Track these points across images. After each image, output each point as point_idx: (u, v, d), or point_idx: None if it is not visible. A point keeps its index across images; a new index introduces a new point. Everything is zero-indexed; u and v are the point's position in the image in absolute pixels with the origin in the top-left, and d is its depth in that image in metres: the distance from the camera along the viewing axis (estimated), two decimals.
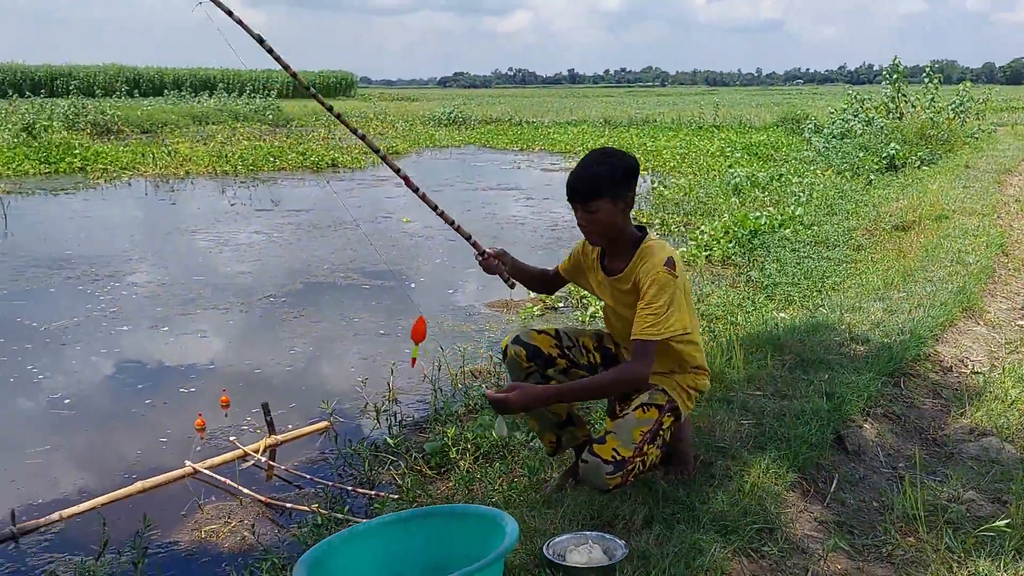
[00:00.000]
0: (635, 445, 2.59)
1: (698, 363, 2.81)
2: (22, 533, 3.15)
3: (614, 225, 2.65)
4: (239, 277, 7.47)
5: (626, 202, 2.64)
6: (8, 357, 5.25)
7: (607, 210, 2.62)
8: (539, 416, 2.89)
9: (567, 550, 2.31)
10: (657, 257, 2.62)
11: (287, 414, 4.35)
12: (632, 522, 2.52)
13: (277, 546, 2.97)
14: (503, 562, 1.96)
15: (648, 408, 2.66)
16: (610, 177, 2.62)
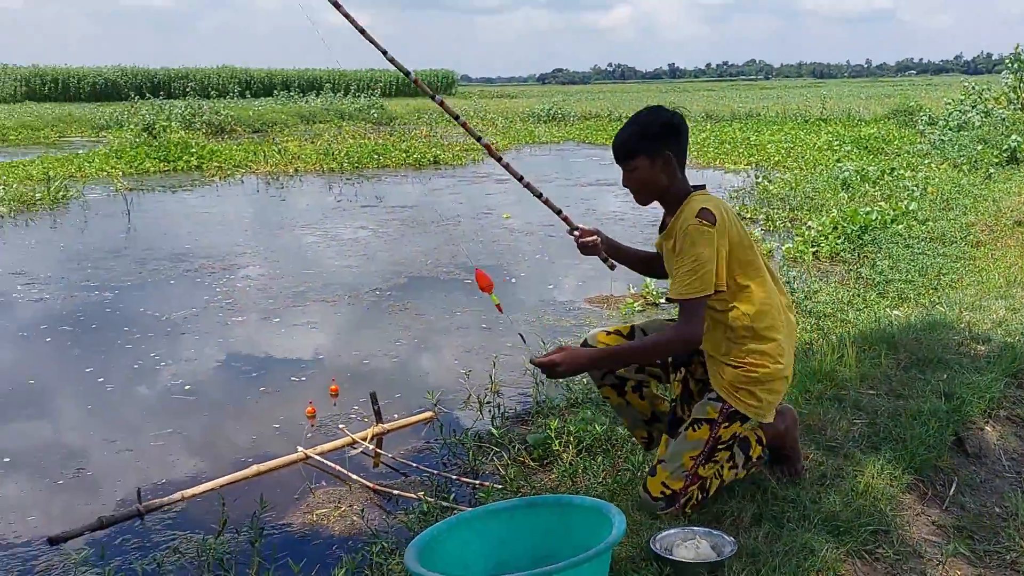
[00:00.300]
0: (686, 473, 2.55)
1: (758, 339, 2.52)
2: (148, 511, 3.33)
3: (655, 183, 2.59)
4: (346, 271, 7.68)
5: (666, 159, 2.55)
6: (132, 345, 5.54)
7: (645, 167, 2.58)
8: (628, 415, 2.89)
9: (674, 545, 2.30)
10: (691, 208, 2.50)
11: (392, 404, 4.46)
12: (740, 519, 2.49)
13: (385, 531, 3.05)
14: (610, 554, 1.96)
15: (699, 425, 2.56)
16: (644, 134, 2.57)
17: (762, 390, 2.53)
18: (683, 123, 2.59)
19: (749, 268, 2.54)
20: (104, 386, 4.84)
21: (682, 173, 2.61)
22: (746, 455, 2.70)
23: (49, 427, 4.30)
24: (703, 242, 2.43)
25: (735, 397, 2.52)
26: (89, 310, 6.42)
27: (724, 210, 2.53)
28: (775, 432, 2.79)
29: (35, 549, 3.08)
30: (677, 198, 2.61)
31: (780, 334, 2.56)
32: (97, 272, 7.68)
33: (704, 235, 2.43)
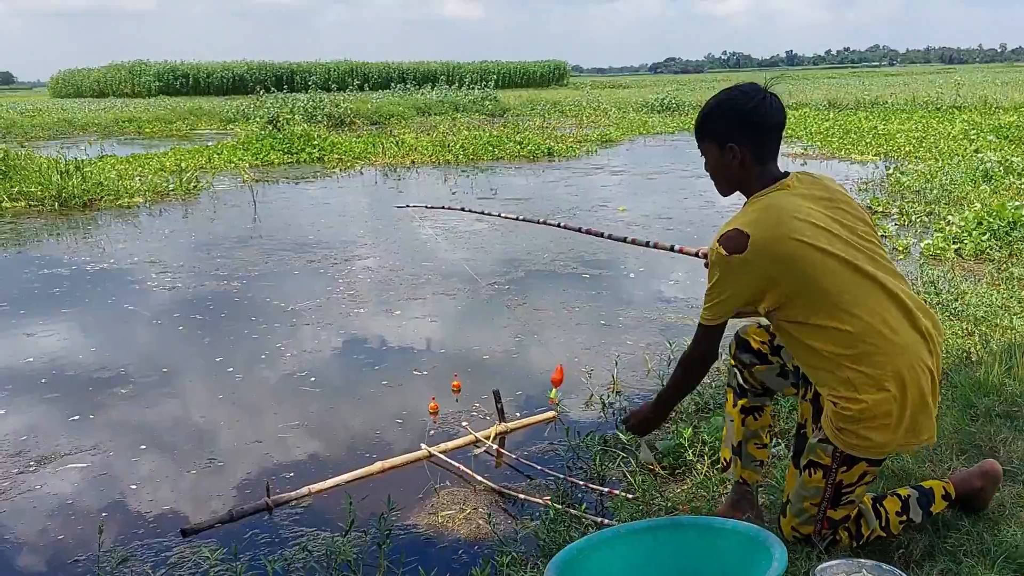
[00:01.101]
0: (813, 518, 2.31)
1: (851, 368, 2.15)
2: (276, 505, 3.35)
3: (726, 173, 2.33)
4: (466, 265, 7.67)
5: (736, 154, 2.27)
6: (259, 335, 5.66)
7: (713, 155, 2.33)
8: (726, 429, 2.70)
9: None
10: (728, 224, 2.22)
11: (513, 401, 4.38)
12: (910, 552, 2.27)
13: (512, 538, 2.96)
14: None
15: (815, 470, 2.27)
16: (710, 118, 2.30)
17: (866, 428, 2.17)
18: (766, 109, 2.24)
19: (823, 304, 2.16)
20: (233, 376, 4.94)
21: (763, 166, 2.29)
22: (926, 511, 2.43)
23: (181, 415, 4.41)
24: (718, 270, 2.20)
25: (839, 438, 2.21)
26: (218, 299, 6.61)
27: (777, 225, 2.15)
28: (968, 489, 2.51)
29: (168, 540, 3.14)
30: (749, 196, 2.35)
31: (880, 360, 2.16)
32: (226, 261, 7.92)
33: (721, 263, 2.18)
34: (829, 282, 2.16)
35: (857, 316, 2.16)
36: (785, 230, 2.15)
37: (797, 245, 2.15)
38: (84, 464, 3.86)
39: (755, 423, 2.62)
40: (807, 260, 2.15)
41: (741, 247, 2.14)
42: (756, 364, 2.56)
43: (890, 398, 2.15)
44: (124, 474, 3.76)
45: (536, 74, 59.94)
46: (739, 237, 2.15)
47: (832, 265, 2.17)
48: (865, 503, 2.37)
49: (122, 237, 9.31)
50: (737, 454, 2.62)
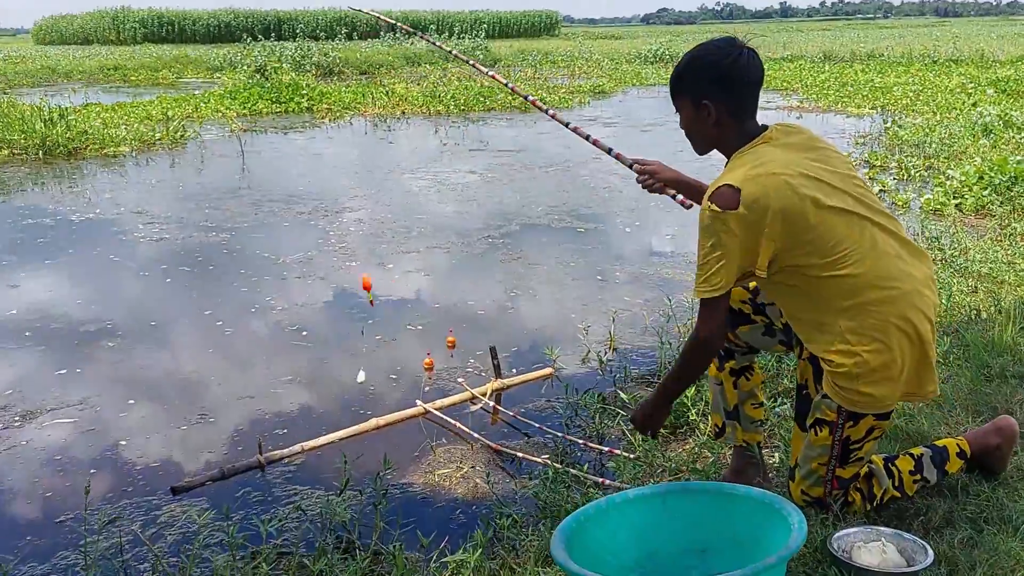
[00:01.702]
0: (824, 479, 2.23)
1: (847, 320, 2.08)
2: (268, 462, 3.27)
3: (702, 132, 2.22)
4: (457, 217, 7.54)
5: (711, 112, 2.15)
6: (248, 288, 5.55)
7: (688, 113, 2.22)
8: (715, 393, 2.57)
9: (854, 546, 2.02)
10: (713, 183, 2.10)
11: (509, 357, 4.30)
12: (929, 519, 2.20)
13: (511, 498, 2.90)
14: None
15: (820, 428, 2.19)
16: (682, 74, 2.20)
17: (865, 383, 2.09)
18: (743, 65, 2.12)
19: (821, 253, 2.07)
20: (223, 330, 4.84)
21: (741, 123, 2.18)
22: (940, 470, 2.36)
23: (171, 370, 4.31)
24: (713, 231, 2.04)
25: (841, 395, 2.13)
26: (206, 251, 6.48)
27: (767, 178, 2.04)
28: (983, 447, 2.42)
29: (158, 498, 3.06)
30: (730, 152, 2.23)
31: (882, 309, 2.08)
32: (214, 213, 7.77)
33: (715, 222, 2.03)
34: (826, 230, 2.07)
35: (857, 262, 2.08)
36: (776, 181, 2.06)
37: (790, 195, 2.05)
38: (71, 419, 3.77)
39: (748, 383, 2.54)
40: (802, 209, 2.06)
41: (734, 203, 2.03)
42: (740, 325, 2.46)
43: (887, 348, 2.09)
44: (112, 430, 3.67)
45: (527, 24, 59.12)
46: (730, 193, 2.04)
47: (827, 212, 2.09)
48: (876, 463, 2.30)
49: (108, 187, 9.12)
50: (734, 418, 2.54)
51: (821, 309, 2.11)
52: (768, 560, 1.60)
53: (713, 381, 2.56)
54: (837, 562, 1.98)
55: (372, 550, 2.54)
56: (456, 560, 2.24)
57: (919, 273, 2.17)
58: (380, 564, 2.48)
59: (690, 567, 1.95)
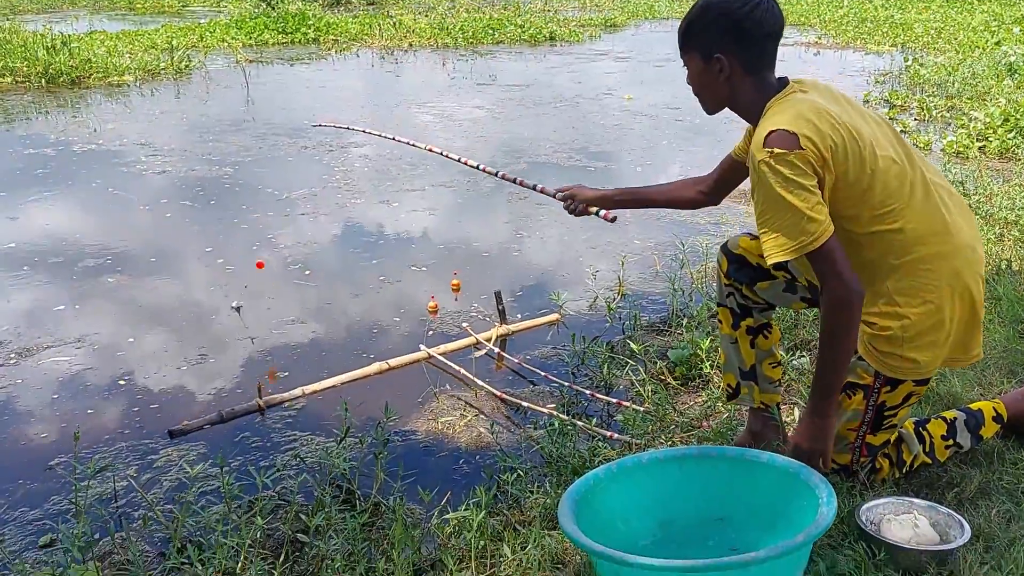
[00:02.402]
0: (851, 445, 2.09)
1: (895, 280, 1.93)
2: (268, 406, 3.20)
3: (713, 90, 2.03)
4: (466, 154, 7.35)
5: (723, 67, 1.97)
6: (250, 225, 5.43)
7: (696, 68, 2.04)
8: (728, 352, 2.41)
9: (884, 518, 1.89)
10: (761, 131, 1.87)
11: (514, 302, 4.20)
12: (963, 490, 2.09)
13: (516, 449, 2.82)
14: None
15: (853, 391, 2.04)
16: (691, 26, 2.00)
17: (910, 348, 1.95)
18: (762, 15, 1.93)
19: (873, 205, 1.91)
20: (224, 267, 4.74)
21: (758, 80, 1.99)
22: (975, 434, 2.24)
23: (171, 308, 4.23)
24: (783, 176, 1.81)
25: (880, 361, 1.99)
26: (209, 185, 6.34)
27: (818, 118, 1.86)
28: (1022, 411, 2.29)
29: (155, 442, 3.00)
30: (750, 111, 2.04)
31: (933, 267, 1.94)
32: (218, 145, 7.61)
33: (782, 166, 1.81)
34: (880, 178, 1.92)
35: (907, 217, 1.94)
36: (831, 121, 1.90)
37: (848, 136, 1.90)
38: (68, 358, 3.70)
39: (766, 342, 2.39)
40: (860, 153, 1.90)
41: (794, 143, 1.83)
42: (758, 280, 2.31)
43: (938, 310, 1.95)
44: (110, 369, 3.60)
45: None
46: (786, 135, 1.84)
47: (879, 161, 1.94)
48: (907, 427, 2.18)
49: (111, 117, 8.94)
50: (751, 378, 2.40)
51: (866, 268, 1.96)
52: (796, 539, 1.51)
53: (727, 340, 2.42)
54: (865, 535, 1.86)
55: (372, 502, 2.48)
56: (458, 517, 2.17)
57: (968, 228, 2.04)
58: (380, 517, 2.41)
59: (707, 536, 1.86)
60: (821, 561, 1.73)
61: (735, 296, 2.35)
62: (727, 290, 2.37)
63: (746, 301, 2.35)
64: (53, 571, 2.19)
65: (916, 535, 1.81)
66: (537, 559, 1.91)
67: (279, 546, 2.29)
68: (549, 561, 1.92)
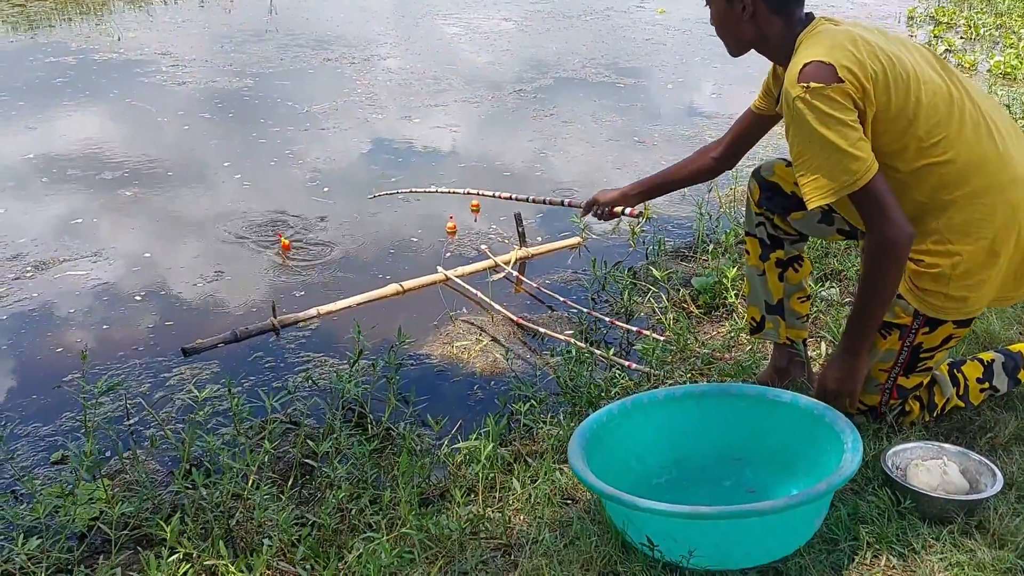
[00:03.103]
0: (881, 387, 1.98)
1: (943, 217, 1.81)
2: (282, 325, 3.16)
3: (738, 32, 1.92)
4: (488, 68, 7.16)
5: (747, 6, 1.85)
6: (268, 140, 5.33)
7: (718, 8, 1.92)
8: (755, 284, 2.28)
9: (910, 464, 1.79)
10: (793, 66, 1.75)
11: (535, 224, 4.10)
12: (996, 435, 1.99)
13: (531, 376, 2.76)
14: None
15: (889, 331, 1.91)
16: None
17: (958, 286, 1.84)
18: None
19: (921, 135, 1.78)
20: (241, 183, 4.66)
21: (787, 14, 1.87)
22: (1012, 377, 2.12)
23: (188, 223, 4.17)
24: (820, 112, 1.69)
25: (923, 300, 1.87)
26: (229, 97, 6.22)
27: (855, 47, 1.74)
28: None
29: (168, 360, 2.97)
30: (779, 51, 1.91)
31: (987, 201, 1.81)
32: (239, 56, 7.45)
33: (818, 101, 1.69)
34: (924, 109, 1.79)
35: (960, 146, 1.81)
36: (870, 49, 1.77)
37: (888, 63, 1.77)
38: (84, 272, 3.67)
39: (796, 275, 2.27)
40: (904, 81, 1.77)
41: (831, 76, 1.71)
42: (792, 210, 2.17)
43: (991, 245, 1.83)
44: (125, 285, 3.57)
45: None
46: (822, 66, 1.72)
47: (923, 89, 1.80)
48: (941, 369, 2.07)
49: (134, 25, 8.79)
50: (778, 312, 2.28)
51: (915, 206, 1.82)
52: (817, 488, 1.43)
53: (753, 271, 2.30)
54: (890, 481, 1.76)
55: (383, 427, 2.44)
56: (468, 447, 2.12)
57: (1022, 158, 1.90)
58: (391, 443, 2.37)
59: (723, 476, 1.80)
60: (843, 507, 1.66)
61: (766, 226, 2.23)
62: (757, 219, 2.25)
63: (777, 232, 2.22)
64: (63, 488, 2.18)
65: (944, 483, 1.72)
66: (546, 494, 1.87)
67: (288, 469, 2.26)
68: (559, 496, 1.87)
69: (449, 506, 1.90)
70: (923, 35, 8.33)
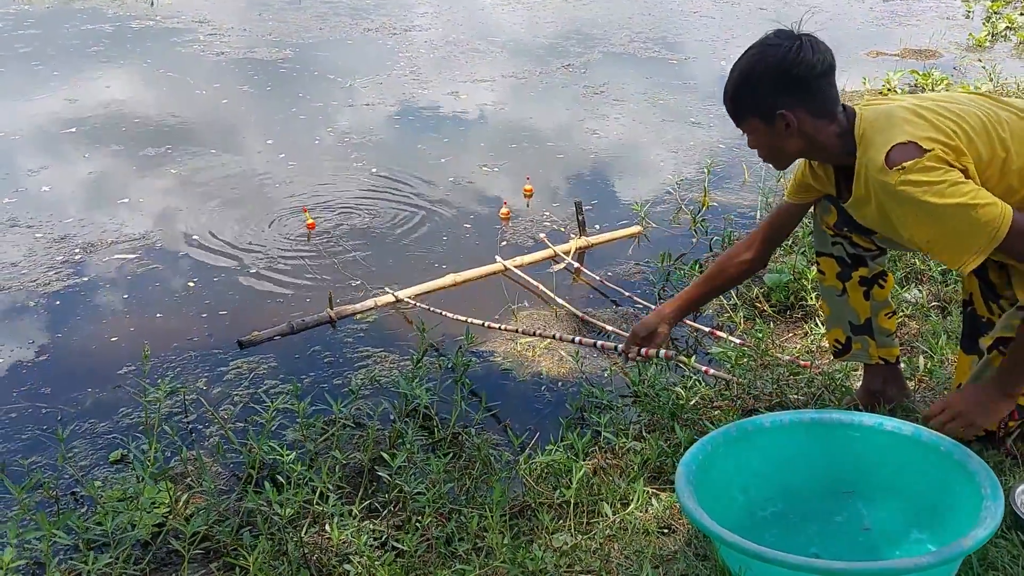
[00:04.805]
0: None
1: None
2: (339, 317, 3.06)
3: (785, 148, 1.84)
4: (533, 41, 6.99)
5: (790, 122, 1.77)
6: (308, 116, 5.22)
7: (761, 132, 1.83)
8: (834, 306, 2.16)
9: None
10: (875, 158, 1.69)
11: (591, 211, 3.93)
12: None
13: (601, 378, 2.65)
14: None
15: (1006, 347, 1.80)
16: (742, 90, 1.80)
17: None
18: (807, 55, 1.74)
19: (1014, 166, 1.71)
20: (286, 163, 4.56)
21: (832, 117, 1.79)
22: None
23: (231, 208, 4.06)
24: (932, 183, 1.62)
25: None
26: (267, 69, 6.12)
27: (920, 116, 1.69)
28: None
29: (224, 352, 2.89)
30: (836, 153, 1.83)
31: None
32: (278, 25, 7.34)
33: (923, 174, 1.63)
34: (1013, 143, 1.72)
35: None
36: (931, 117, 1.71)
37: (954, 122, 1.70)
38: (134, 255, 3.59)
39: (882, 291, 2.12)
40: (979, 132, 1.70)
41: (918, 150, 1.65)
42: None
43: None
44: (176, 269, 3.49)
45: None
46: (906, 147, 1.66)
47: (1001, 127, 1.73)
48: None
49: None
50: (866, 332, 2.14)
51: None
52: (961, 543, 1.31)
53: (831, 292, 2.16)
54: (1021, 524, 1.63)
55: (451, 431, 2.34)
56: (547, 461, 2.02)
57: None
58: (460, 447, 2.27)
59: (832, 511, 1.68)
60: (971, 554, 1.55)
61: (843, 245, 2.08)
62: (833, 239, 2.10)
63: (857, 250, 2.08)
64: (124, 492, 2.11)
65: None
66: (642, 522, 1.76)
67: (356, 476, 2.18)
68: (655, 524, 1.76)
69: (537, 532, 1.80)
70: (980, 10, 8.04)
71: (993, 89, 5.18)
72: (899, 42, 6.71)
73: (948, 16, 7.95)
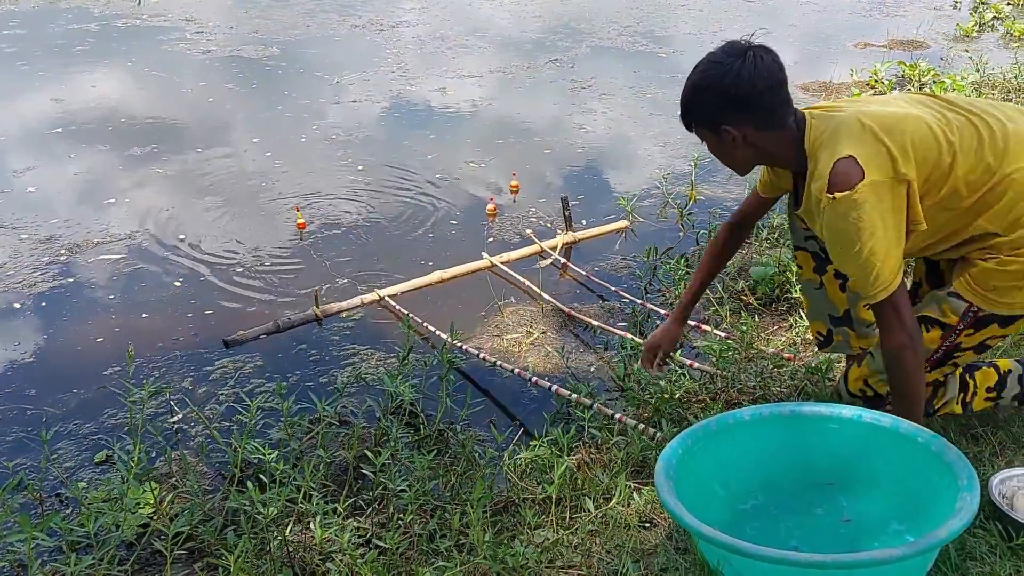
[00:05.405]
0: None
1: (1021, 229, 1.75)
2: (325, 316, 3.06)
3: (736, 158, 1.87)
4: (520, 35, 6.99)
5: (735, 136, 1.79)
6: (295, 113, 5.21)
7: (712, 142, 1.87)
8: (814, 299, 2.18)
9: (1018, 492, 1.66)
10: (821, 171, 1.72)
11: (578, 206, 3.95)
12: None
13: (587, 373, 2.66)
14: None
15: (930, 327, 1.84)
16: (691, 104, 1.82)
17: (1005, 284, 1.78)
18: (749, 75, 1.75)
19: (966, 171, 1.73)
20: (272, 161, 4.55)
21: (780, 128, 1.80)
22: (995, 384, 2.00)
23: (218, 207, 4.06)
24: (851, 220, 1.67)
25: (988, 298, 1.79)
26: (253, 68, 6.10)
27: (865, 131, 1.71)
28: None
29: (210, 351, 2.88)
30: (790, 161, 1.85)
31: None
32: (265, 23, 7.32)
33: (850, 209, 1.67)
34: (959, 147, 1.73)
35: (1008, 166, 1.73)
36: (881, 130, 1.71)
37: (902, 136, 1.71)
38: (119, 256, 3.58)
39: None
40: (924, 141, 1.72)
41: (858, 173, 1.67)
42: None
43: None
44: (162, 270, 3.47)
45: None
46: (847, 165, 1.68)
47: (948, 129, 1.74)
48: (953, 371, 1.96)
49: None
50: (845, 324, 2.16)
51: (984, 229, 1.77)
52: (936, 534, 1.32)
53: (809, 285, 2.17)
54: (999, 514, 1.64)
55: (436, 427, 2.34)
56: (532, 457, 2.02)
57: None
58: (445, 444, 2.28)
59: (813, 503, 1.69)
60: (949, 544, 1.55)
61: (816, 240, 2.10)
62: (806, 233, 2.11)
63: (823, 247, 2.09)
64: (109, 493, 2.11)
65: None
66: (624, 516, 1.77)
67: (341, 474, 2.18)
68: (637, 518, 1.77)
69: (519, 527, 1.80)
70: (967, 0, 8.05)
71: (980, 78, 5.20)
72: (887, 33, 6.72)
73: (936, 7, 7.97)
